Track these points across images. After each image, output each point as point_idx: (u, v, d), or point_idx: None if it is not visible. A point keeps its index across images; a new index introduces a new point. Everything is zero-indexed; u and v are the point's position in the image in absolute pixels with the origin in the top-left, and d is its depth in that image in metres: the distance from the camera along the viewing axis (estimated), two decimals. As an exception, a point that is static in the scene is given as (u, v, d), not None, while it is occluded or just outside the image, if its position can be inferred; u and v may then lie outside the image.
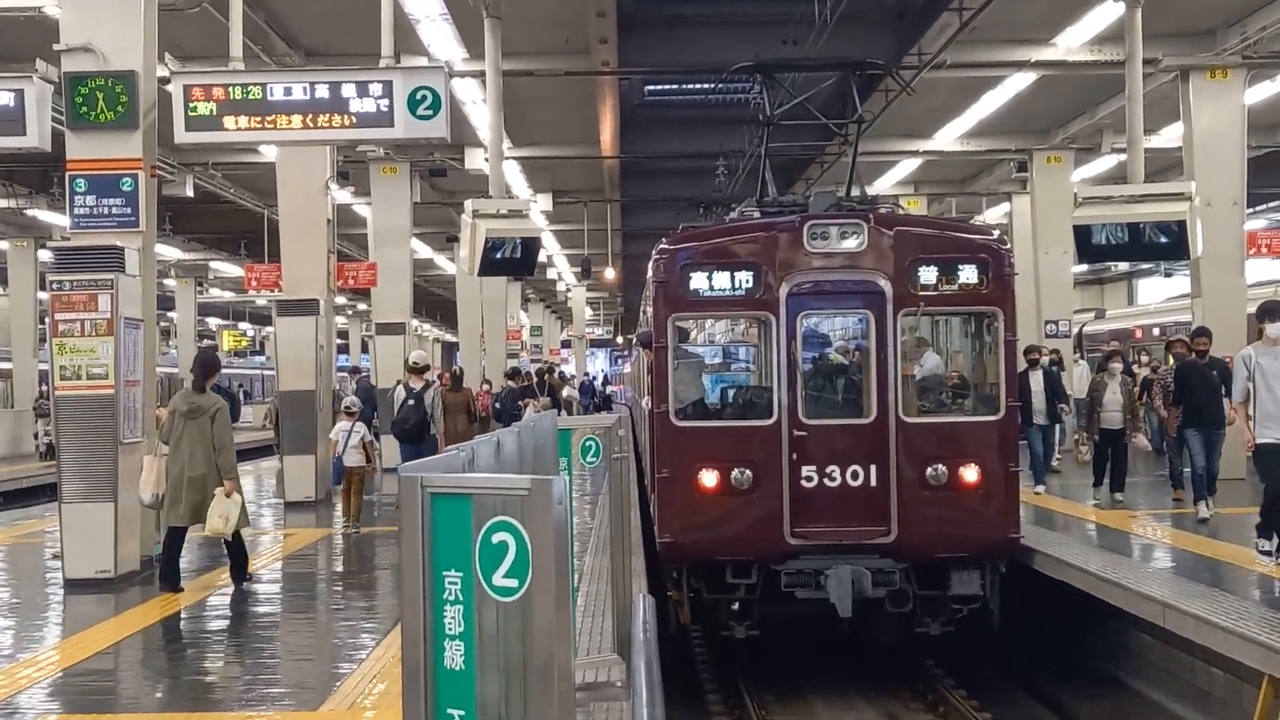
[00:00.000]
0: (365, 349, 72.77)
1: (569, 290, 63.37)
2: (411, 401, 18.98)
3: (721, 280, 13.99)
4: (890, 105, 24.84)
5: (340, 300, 57.10)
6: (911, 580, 13.89)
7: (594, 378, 66.86)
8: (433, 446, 18.47)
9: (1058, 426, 20.72)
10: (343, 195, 29.24)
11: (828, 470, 13.71)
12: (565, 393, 42.63)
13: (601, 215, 40.34)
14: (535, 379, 35.79)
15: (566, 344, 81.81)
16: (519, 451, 6.71)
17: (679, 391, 14.15)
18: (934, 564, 13.89)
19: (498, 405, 27.46)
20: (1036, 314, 30.28)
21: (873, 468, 13.68)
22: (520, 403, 28.88)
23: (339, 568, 15.05)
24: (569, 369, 73.34)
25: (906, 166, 34.03)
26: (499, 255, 17.35)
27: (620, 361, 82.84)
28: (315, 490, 21.43)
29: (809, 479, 13.72)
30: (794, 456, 13.71)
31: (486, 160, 21.17)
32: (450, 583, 4.16)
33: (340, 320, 70.19)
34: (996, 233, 15.25)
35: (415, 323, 62.34)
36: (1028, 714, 14.12)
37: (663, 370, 14.04)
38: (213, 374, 13.66)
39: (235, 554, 13.64)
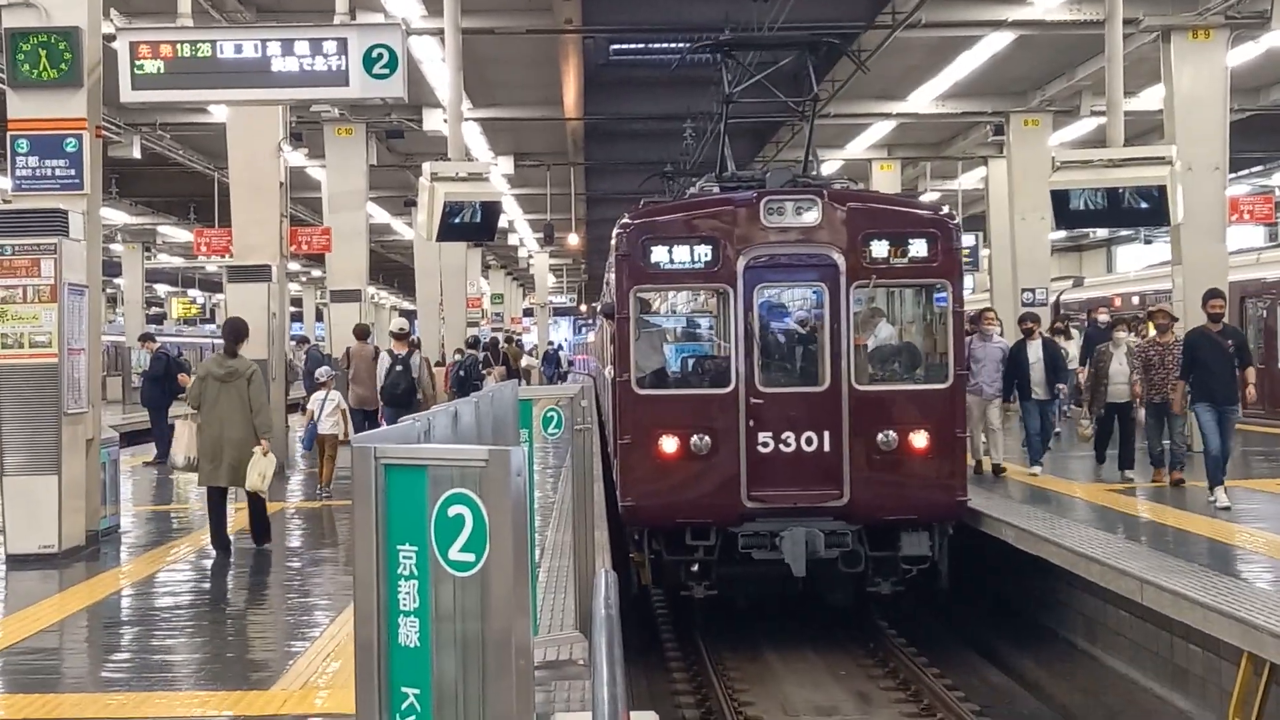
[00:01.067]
0: (320, 316, 72.55)
1: (531, 257, 63.21)
2: (399, 368, 20.82)
3: (681, 254, 14.92)
4: (855, 74, 24.87)
5: (294, 266, 56.91)
6: (863, 541, 14.85)
7: (558, 346, 66.80)
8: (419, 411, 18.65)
9: (1056, 401, 20.10)
10: (296, 157, 29.04)
11: (783, 436, 14.70)
12: (524, 362, 42.67)
13: (565, 179, 40.28)
14: (491, 348, 35.77)
15: (529, 312, 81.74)
16: (477, 423, 6.70)
17: (640, 361, 15.09)
18: (884, 526, 14.88)
19: (461, 374, 27.44)
20: (1013, 281, 30.40)
21: (826, 434, 14.70)
22: (483, 371, 28.87)
23: (294, 542, 15.03)
24: (530, 338, 73.34)
25: (880, 129, 34.05)
26: (458, 220, 17.28)
27: (584, 330, 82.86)
28: (287, 461, 21.34)
29: (765, 445, 14.69)
30: (750, 423, 14.68)
31: (445, 122, 21.06)
32: (405, 557, 4.15)
33: (294, 287, 69.89)
34: (945, 208, 16.13)
35: (372, 290, 62.11)
36: (971, 668, 15.07)
37: (625, 340, 14.95)
38: (243, 339, 14.33)
39: (259, 513, 14.19)
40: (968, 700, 13.34)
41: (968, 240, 37.47)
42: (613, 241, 15.98)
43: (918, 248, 14.91)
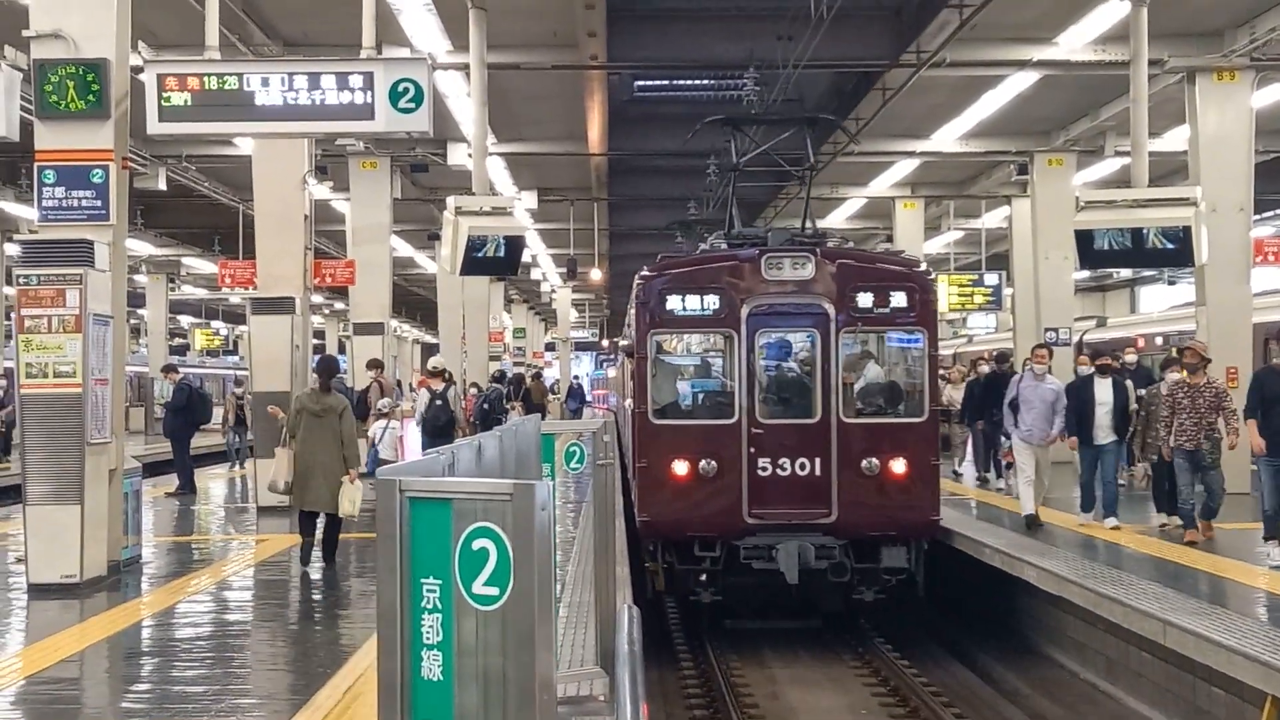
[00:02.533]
0: (342, 349, 72.69)
1: (554, 291, 63.32)
2: (439, 401, 22.33)
3: (693, 303, 17.73)
4: (881, 111, 24.95)
5: (317, 299, 57.09)
6: (849, 555, 17.26)
7: (582, 382, 66.81)
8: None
9: (1122, 446, 18.68)
10: (321, 190, 29.17)
11: (780, 462, 17.29)
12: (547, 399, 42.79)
13: (588, 214, 40.34)
14: (512, 384, 35.83)
15: (551, 347, 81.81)
16: (500, 456, 6.71)
17: (656, 395, 17.79)
18: (868, 541, 17.37)
19: (485, 406, 27.49)
20: (1036, 320, 30.34)
21: (817, 460, 17.26)
22: (507, 404, 28.92)
23: (315, 575, 15.03)
24: (552, 373, 73.33)
25: (904, 168, 34.13)
26: (481, 254, 17.36)
27: (604, 366, 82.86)
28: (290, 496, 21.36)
29: (764, 469, 17.29)
30: (752, 450, 17.28)
31: (470, 156, 21.17)
32: (429, 590, 4.15)
33: (317, 320, 70.12)
34: (923, 265, 18.99)
35: (394, 323, 62.29)
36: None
37: (643, 377, 17.68)
38: (334, 375, 15.83)
39: (333, 533, 15.45)
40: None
41: (991, 280, 37.55)
42: (634, 290, 18.62)
43: (898, 299, 17.49)
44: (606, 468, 10.02)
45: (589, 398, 63.48)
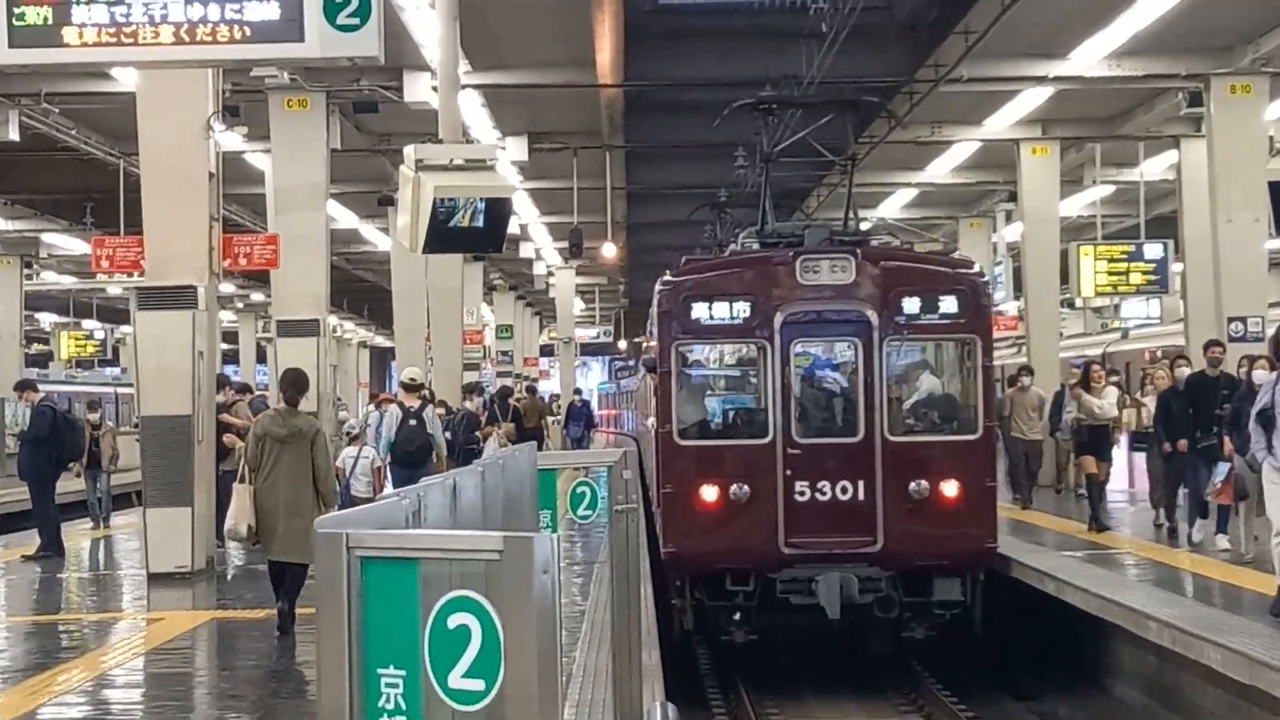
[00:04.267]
0: (262, 357, 72.84)
1: (552, 275, 63.40)
2: (413, 422, 23.70)
3: (721, 310, 20.82)
4: (998, 23, 24.97)
5: (227, 288, 57.23)
6: (897, 587, 20.32)
7: (587, 397, 66.74)
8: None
9: None
10: (231, 139, 29.25)
11: (819, 485, 20.28)
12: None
13: (598, 168, 40.32)
14: (495, 401, 35.81)
15: (548, 350, 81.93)
16: (483, 499, 6.72)
17: (681, 412, 21.03)
18: (918, 572, 20.41)
19: (448, 436, 27.56)
20: (1216, 306, 30.21)
21: (860, 483, 20.28)
22: (477, 433, 28.91)
23: (234, 661, 15.09)
24: (550, 385, 73.43)
25: (1031, 99, 33.95)
26: (452, 224, 17.38)
27: (621, 376, 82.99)
28: (192, 557, 21.43)
29: (802, 493, 20.27)
30: (788, 473, 20.28)
31: (435, 90, 21.18)
32: (388, 685, 4.16)
33: (227, 316, 70.30)
34: (976, 266, 22.60)
35: (334, 320, 62.44)
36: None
37: (666, 393, 20.91)
38: (305, 392, 17.14)
39: (296, 588, 16.07)
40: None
41: (1153, 252, 37.48)
42: (654, 298, 21.87)
43: (948, 304, 20.66)
44: (627, 514, 10.04)
45: (597, 419, 63.67)
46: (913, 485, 20.12)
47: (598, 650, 14.38)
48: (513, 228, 37.32)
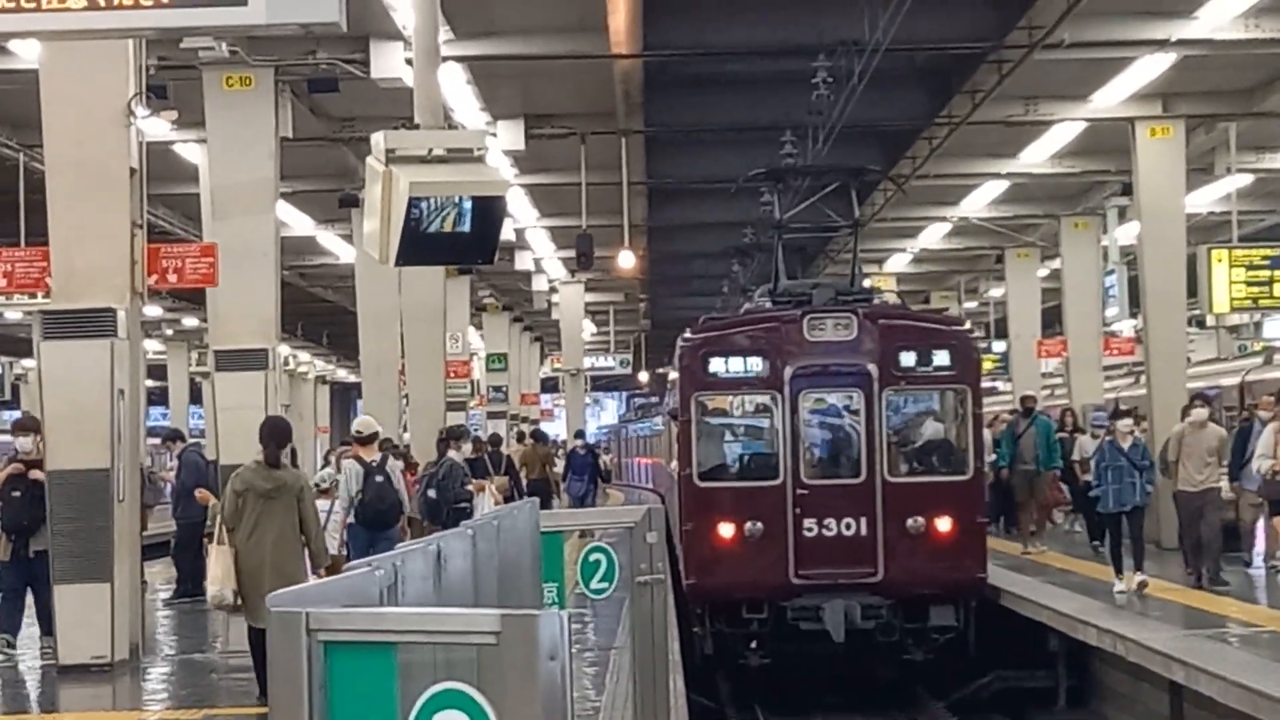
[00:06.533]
0: (197, 396, 72.95)
1: (555, 291, 63.51)
2: (380, 477, 24.88)
3: (736, 365, 28.26)
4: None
5: (154, 311, 57.28)
6: (897, 614, 27.31)
7: (593, 442, 66.22)
8: (396, 539, 22.54)
9: None
10: (157, 127, 29.29)
11: (825, 522, 27.40)
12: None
13: (612, 158, 40.34)
14: (489, 449, 35.86)
15: (552, 385, 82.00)
16: (474, 569, 6.73)
17: (701, 457, 28.75)
18: (915, 600, 27.48)
19: (431, 494, 27.58)
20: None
21: (863, 519, 27.42)
22: (469, 486, 28.90)
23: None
24: (556, 428, 73.40)
25: (1149, 68, 33.84)
26: (432, 230, 17.39)
27: (639, 416, 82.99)
28: (112, 645, 21.42)
29: (810, 530, 27.43)
30: (798, 511, 27.44)
31: (409, 64, 21.24)
32: (360, 800, 4.17)
33: (153, 346, 70.41)
34: (967, 324, 31.11)
35: (285, 350, 62.38)
36: None
37: (687, 439, 28.62)
38: (287, 443, 18.93)
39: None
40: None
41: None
42: (675, 354, 30.94)
43: (941, 358, 28.01)
44: (652, 587, 10.04)
45: (604, 474, 63.31)
46: (910, 521, 27.42)
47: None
48: (507, 233, 37.52)
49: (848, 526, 27.44)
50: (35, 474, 22.28)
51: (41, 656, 22.25)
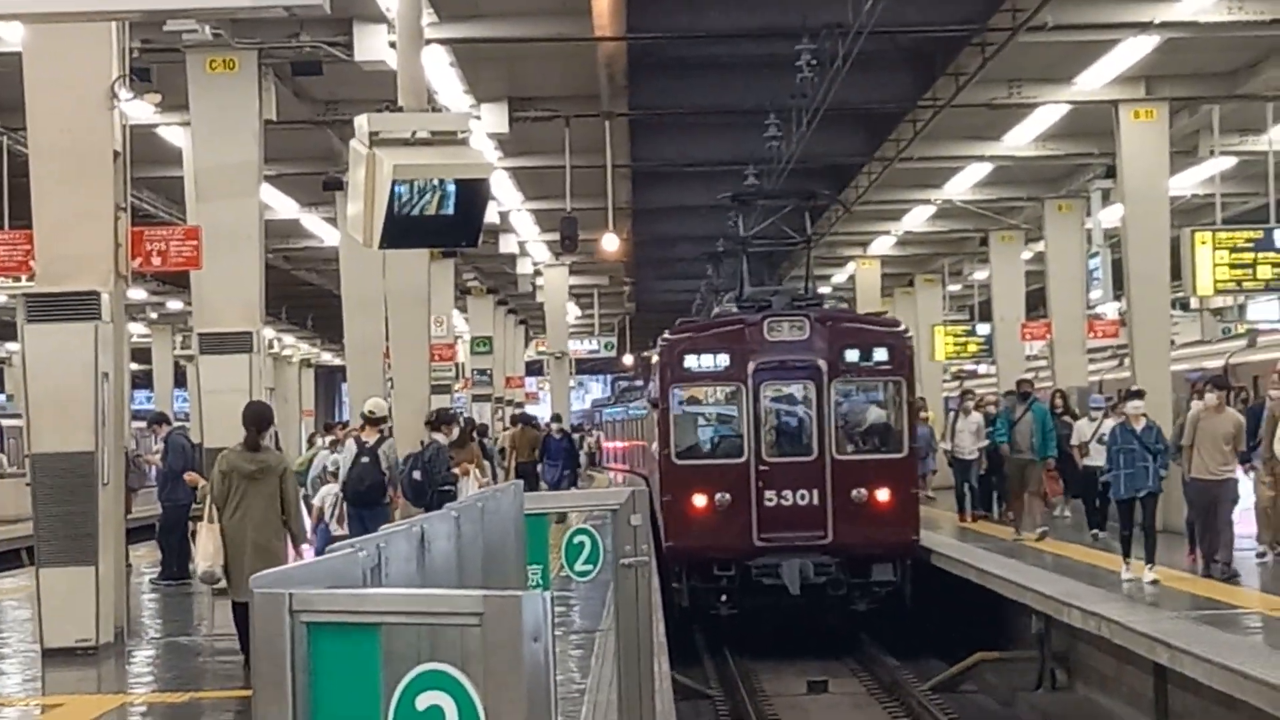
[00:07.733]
0: (182, 379, 72.85)
1: (540, 274, 63.40)
2: (366, 459, 26.07)
3: (706, 361, 34.41)
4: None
5: (138, 294, 57.19)
6: (845, 571, 33.35)
7: (566, 430, 65.29)
8: (386, 516, 24.89)
9: None
10: (141, 110, 29.24)
11: (783, 493, 33.26)
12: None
13: (596, 141, 40.30)
14: (481, 434, 36.00)
15: (537, 368, 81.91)
16: (458, 551, 6.72)
17: (678, 439, 34.83)
18: (859, 558, 33.53)
19: (416, 475, 27.56)
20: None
21: (815, 490, 33.25)
22: (454, 470, 28.89)
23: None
24: (542, 411, 73.26)
25: (1133, 50, 33.69)
26: (416, 212, 17.36)
27: (625, 399, 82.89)
28: (97, 628, 21.40)
29: (770, 500, 33.27)
30: (760, 484, 33.34)
31: (393, 46, 21.20)
32: (344, 780, 4.15)
33: (138, 329, 70.30)
34: (902, 325, 37.20)
35: (270, 333, 62.22)
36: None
37: (666, 424, 34.88)
38: (267, 427, 19.85)
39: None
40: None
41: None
42: (654, 352, 37.29)
43: (880, 354, 34.06)
44: (636, 570, 10.01)
45: (584, 456, 62.92)
46: (854, 492, 33.42)
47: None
48: (491, 216, 37.48)
49: (802, 497, 33.40)
50: None
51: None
